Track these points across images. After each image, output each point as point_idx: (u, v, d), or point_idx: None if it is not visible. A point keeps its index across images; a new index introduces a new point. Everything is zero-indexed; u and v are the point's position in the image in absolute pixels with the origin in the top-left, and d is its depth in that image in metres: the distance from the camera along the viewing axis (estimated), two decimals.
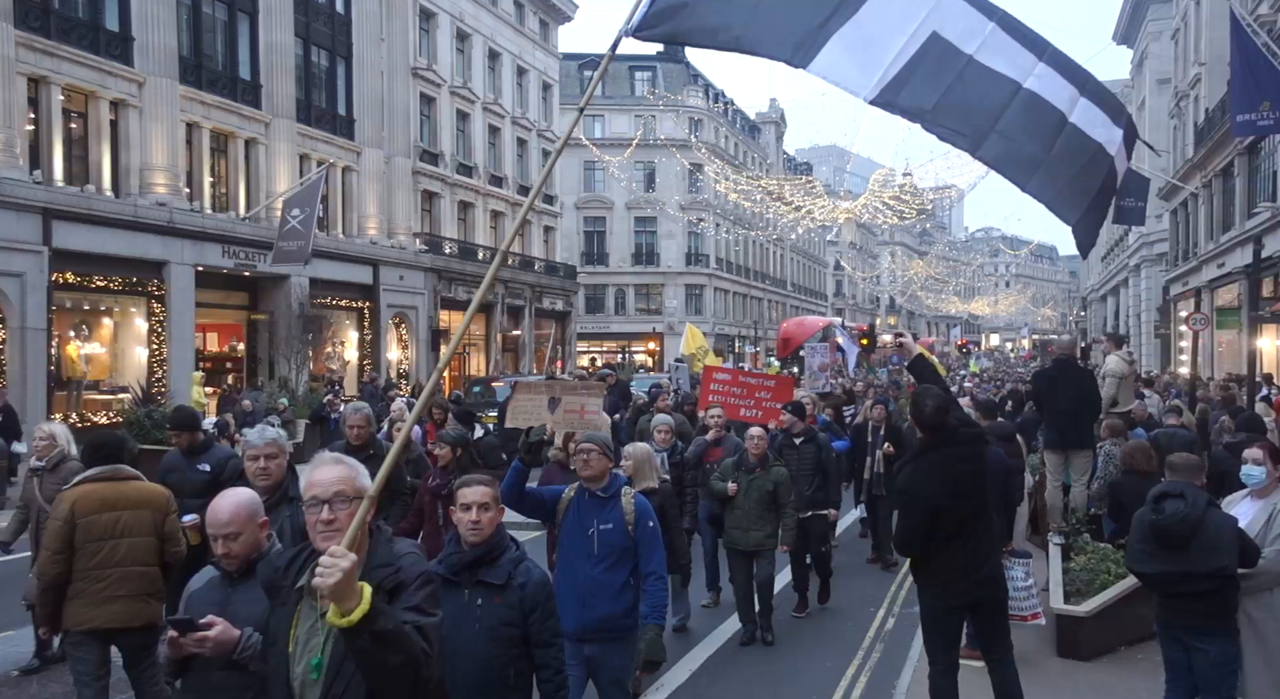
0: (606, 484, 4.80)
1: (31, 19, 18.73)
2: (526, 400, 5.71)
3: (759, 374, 12.00)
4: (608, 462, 4.82)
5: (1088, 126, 3.61)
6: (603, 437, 4.93)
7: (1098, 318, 56.59)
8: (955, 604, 5.08)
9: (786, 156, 75.33)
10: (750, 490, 7.40)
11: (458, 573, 3.58)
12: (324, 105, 27.58)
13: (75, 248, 18.83)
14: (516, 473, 4.71)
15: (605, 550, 4.66)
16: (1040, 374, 8.99)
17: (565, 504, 4.85)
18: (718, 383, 10.21)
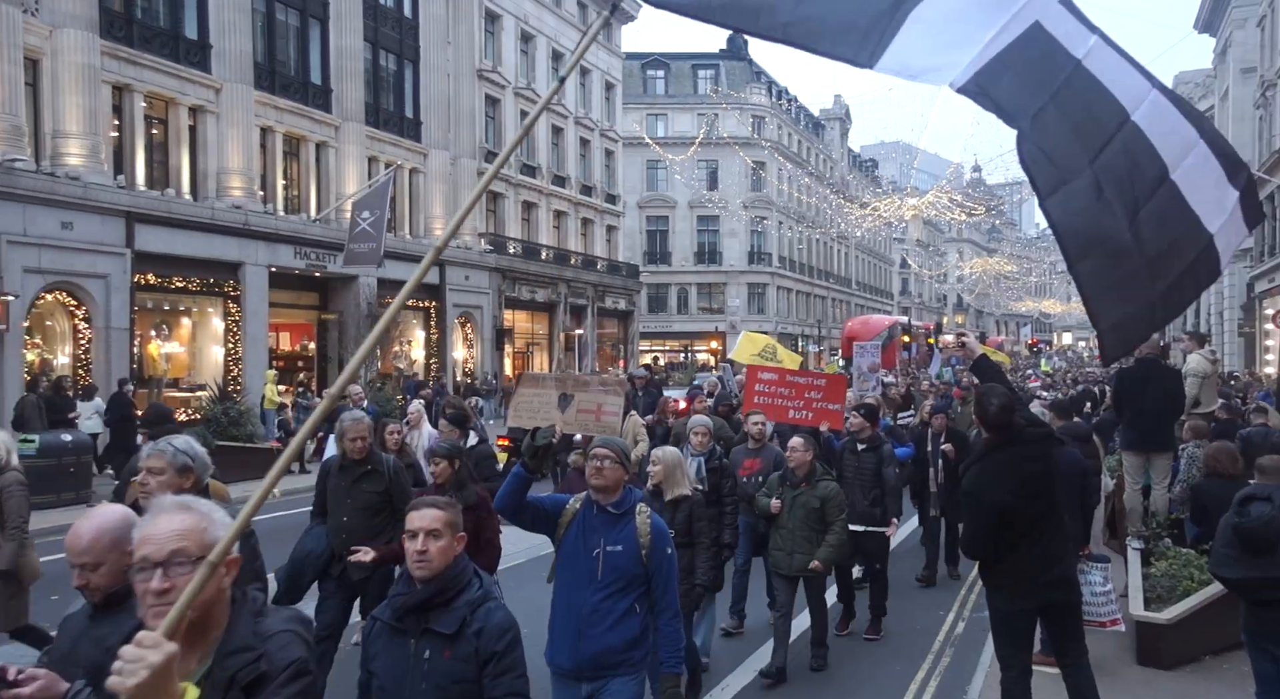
0: (619, 498, 4.07)
1: (116, 29, 19.43)
2: (533, 396, 5.14)
3: (808, 373, 11.20)
4: (623, 472, 4.10)
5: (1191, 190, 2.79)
6: (619, 442, 4.27)
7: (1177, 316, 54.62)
8: (1025, 607, 4.95)
9: (851, 153, 74.41)
10: (794, 508, 6.67)
11: (403, 618, 2.98)
12: (392, 108, 28.09)
13: (156, 250, 19.48)
14: (516, 480, 3.94)
15: (611, 576, 3.95)
16: (1123, 373, 8.69)
17: (569, 518, 4.10)
18: (763, 383, 9.54)
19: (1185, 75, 51.34)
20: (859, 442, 7.98)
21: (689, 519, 5.66)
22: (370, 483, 5.97)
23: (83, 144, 18.16)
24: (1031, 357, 55.40)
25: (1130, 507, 8.40)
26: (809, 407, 9.23)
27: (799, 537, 6.62)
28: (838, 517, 6.68)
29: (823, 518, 6.63)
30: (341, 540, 5.81)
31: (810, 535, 6.61)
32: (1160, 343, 11.14)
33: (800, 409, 9.20)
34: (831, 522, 6.65)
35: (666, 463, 5.70)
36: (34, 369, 17.54)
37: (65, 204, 17.51)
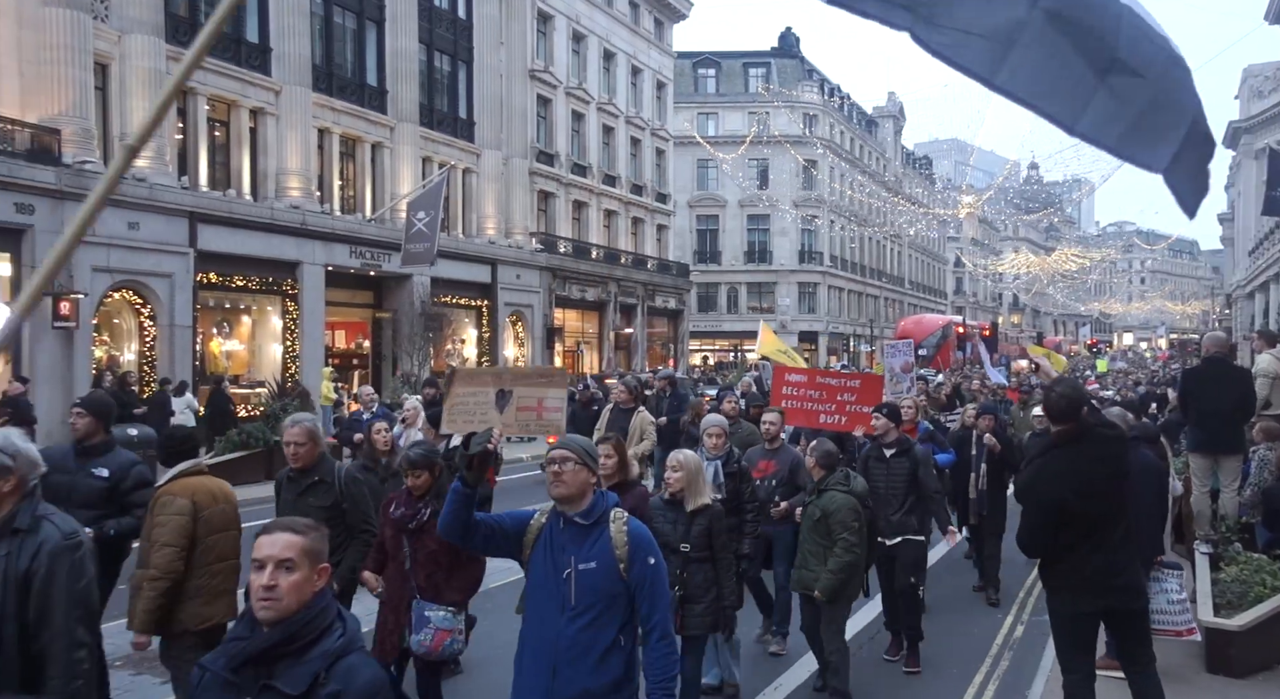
0: (588, 505, 3.45)
1: (181, 33, 19.93)
2: (468, 396, 4.17)
3: (840, 373, 10.03)
4: (588, 475, 3.48)
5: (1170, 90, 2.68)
6: (580, 441, 3.58)
7: (1244, 316, 53.13)
8: (1085, 611, 4.79)
9: (905, 151, 73.48)
10: (804, 519, 6.16)
11: (239, 670, 2.41)
12: (445, 109, 28.42)
13: (217, 249, 19.95)
14: (455, 498, 3.37)
15: (586, 599, 3.34)
16: (1191, 372, 8.43)
17: (533, 535, 3.49)
18: (791, 385, 8.64)
19: (1255, 68, 49.78)
20: (885, 446, 7.17)
21: (708, 531, 5.22)
22: (317, 496, 5.22)
23: (149, 146, 18.66)
24: (1090, 357, 54.16)
25: (1198, 510, 8.16)
26: (842, 410, 8.38)
27: (805, 551, 6.08)
28: (840, 534, 5.82)
29: (827, 532, 5.91)
30: None
31: (817, 551, 5.96)
32: (1229, 342, 10.78)
33: (832, 413, 8.34)
34: (836, 538, 5.83)
35: (689, 469, 5.21)
36: (101, 365, 18.08)
37: (132, 205, 18.01)
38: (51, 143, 16.83)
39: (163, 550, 4.55)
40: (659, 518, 5.21)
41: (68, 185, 16.79)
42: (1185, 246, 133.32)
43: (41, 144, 16.69)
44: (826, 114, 54.21)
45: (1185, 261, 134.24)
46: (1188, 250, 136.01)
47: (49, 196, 16.63)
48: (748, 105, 51.44)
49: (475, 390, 4.19)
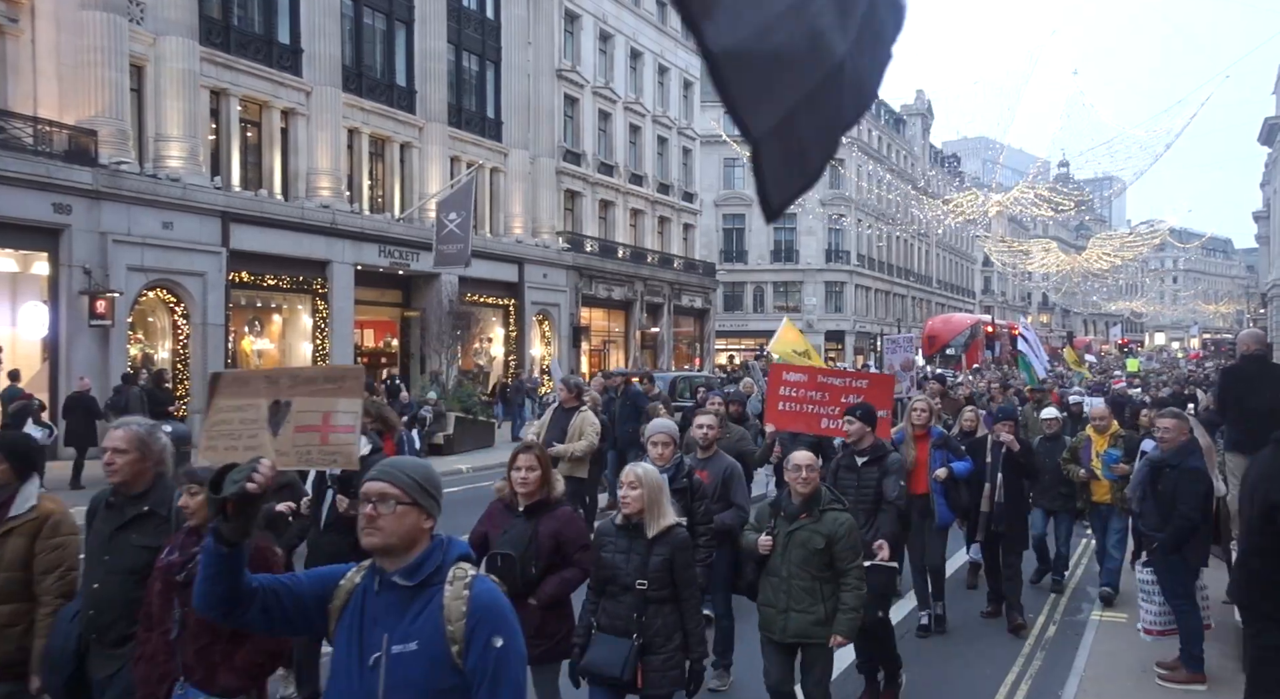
0: (415, 560, 2.42)
1: (214, 35, 20.20)
2: (234, 411, 2.92)
3: (845, 373, 8.86)
4: (419, 518, 2.44)
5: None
6: (408, 468, 2.50)
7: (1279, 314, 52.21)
8: None
9: (933, 149, 72.95)
10: (790, 549, 4.83)
11: None
12: (474, 108, 28.58)
13: (249, 248, 20.20)
14: (211, 560, 2.39)
15: (403, 695, 2.34)
16: (1229, 370, 8.30)
17: (341, 601, 2.48)
18: (789, 386, 7.59)
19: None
20: (858, 453, 6.15)
21: (670, 563, 4.23)
22: (142, 532, 3.76)
23: (183, 147, 18.93)
24: (1120, 356, 53.49)
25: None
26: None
27: (797, 588, 4.79)
28: (851, 563, 4.81)
29: (829, 563, 4.80)
30: (89, 621, 3.70)
31: (812, 587, 4.78)
32: (1268, 340, 10.61)
33: (836, 418, 7.25)
34: (844, 570, 4.80)
35: (649, 485, 4.26)
36: (136, 363, 18.35)
37: (166, 204, 18.29)
38: (88, 144, 17.11)
39: (68, 575, 3.90)
40: (608, 546, 4.33)
41: (104, 186, 17.08)
42: (1219, 245, 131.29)
43: (78, 145, 16.98)
44: None
45: (1219, 260, 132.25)
46: (1221, 249, 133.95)
47: (86, 197, 16.91)
48: None
49: (243, 403, 2.93)
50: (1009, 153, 73.06)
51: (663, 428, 5.66)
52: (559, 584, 4.44)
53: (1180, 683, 6.12)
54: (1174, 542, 6.11)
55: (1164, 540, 6.14)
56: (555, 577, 4.42)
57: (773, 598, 4.88)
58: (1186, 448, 6.24)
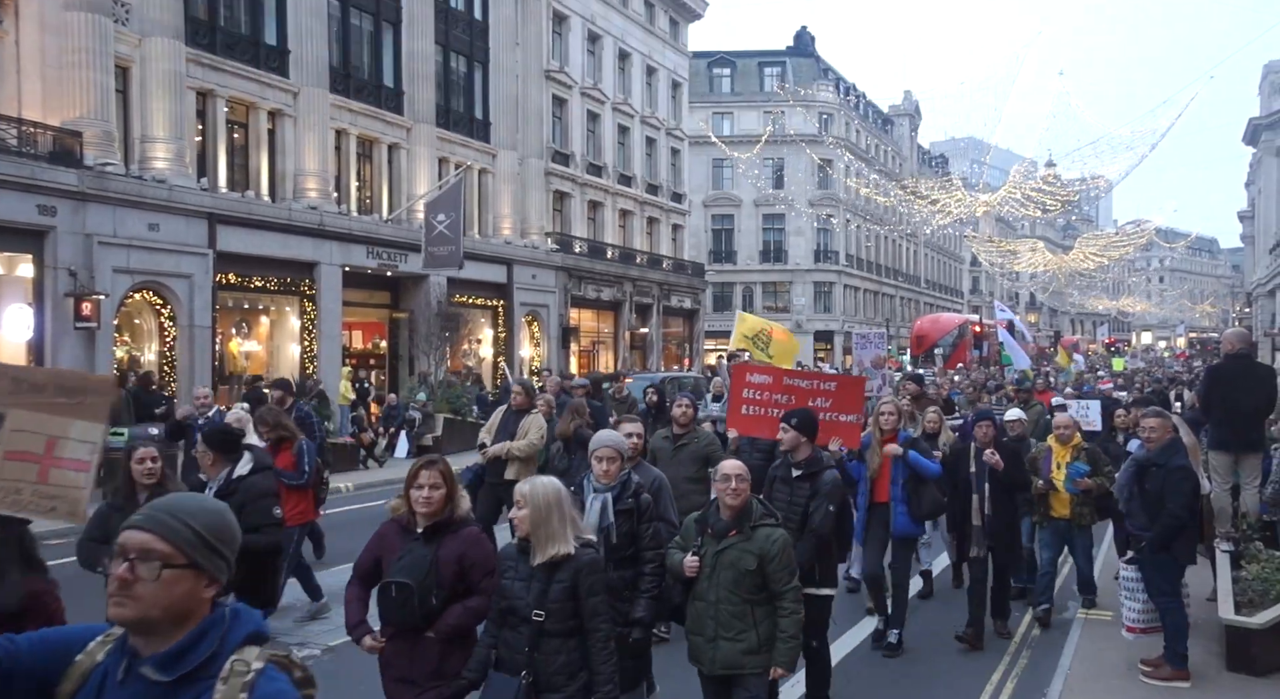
0: (179, 646, 1.78)
1: (200, 36, 20.11)
2: None
3: (813, 374, 8.24)
4: (195, 584, 1.82)
5: None
6: (188, 515, 1.85)
7: (1265, 314, 52.63)
8: None
9: (921, 150, 73.21)
10: (718, 570, 4.35)
11: None
12: (462, 109, 28.53)
13: (236, 250, 20.10)
14: None
15: None
16: (1213, 369, 8.37)
17: (72, 687, 1.82)
18: (752, 388, 7.16)
19: (1276, 64, 49.32)
20: (793, 465, 5.58)
21: (572, 591, 3.72)
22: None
23: (169, 148, 18.84)
24: (1106, 355, 53.78)
25: (1219, 508, 8.11)
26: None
27: (725, 613, 4.32)
28: (786, 585, 4.33)
29: (762, 585, 4.31)
30: None
31: (742, 611, 4.31)
32: (1253, 339, 10.67)
33: None
34: (779, 592, 4.33)
35: (536, 503, 3.76)
36: (122, 366, 18.25)
37: (152, 206, 18.18)
38: (73, 145, 17.00)
39: None
40: (508, 571, 3.87)
41: (89, 187, 16.98)
42: (1205, 244, 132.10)
43: (63, 146, 16.87)
44: (842, 113, 54.09)
45: (1204, 260, 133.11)
46: (1207, 248, 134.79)
47: (71, 198, 16.81)
48: (763, 104, 51.37)
49: None
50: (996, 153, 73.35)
51: (607, 441, 4.88)
52: (462, 614, 3.94)
53: (1164, 680, 6.17)
54: (1162, 540, 6.16)
55: (1152, 539, 6.19)
56: (458, 606, 3.93)
57: (700, 625, 4.40)
58: (1172, 446, 6.29)
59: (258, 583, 4.76)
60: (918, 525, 7.37)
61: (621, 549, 4.57)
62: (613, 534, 4.55)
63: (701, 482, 7.16)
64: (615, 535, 4.55)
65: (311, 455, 7.39)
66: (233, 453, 5.20)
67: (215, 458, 5.19)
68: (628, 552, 4.59)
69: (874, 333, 14.20)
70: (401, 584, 3.81)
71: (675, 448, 7.38)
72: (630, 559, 4.60)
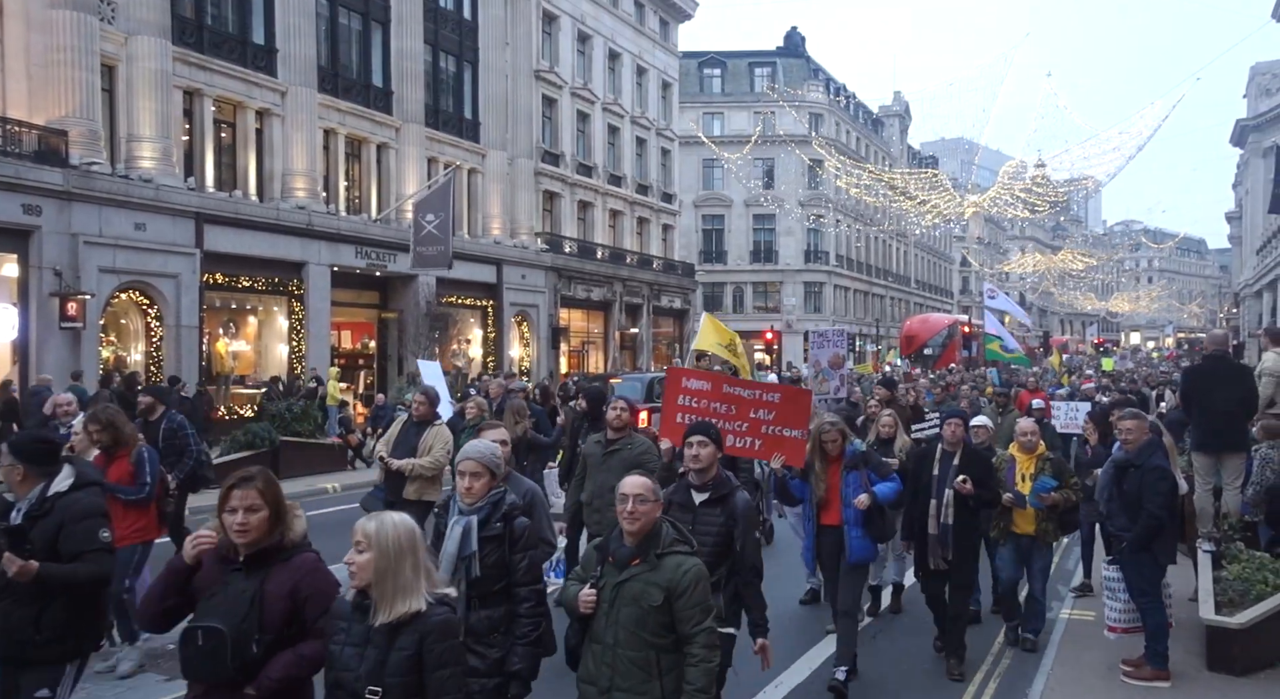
0: None
1: (187, 35, 20.03)
2: None
3: (756, 384, 7.37)
4: None
5: None
6: None
7: (1252, 314, 52.94)
8: None
9: (911, 150, 73.39)
10: (619, 605, 3.59)
11: None
12: (451, 109, 28.48)
13: (224, 250, 20.04)
14: None
15: None
16: (1191, 370, 8.40)
17: None
18: (689, 394, 6.49)
19: (1263, 65, 49.57)
20: (697, 488, 4.67)
21: (416, 665, 2.94)
22: None
23: (155, 147, 18.76)
24: (1094, 356, 53.99)
25: (1200, 508, 8.15)
26: (756, 431, 6.34)
27: (624, 660, 3.53)
28: (697, 626, 3.53)
29: (668, 625, 3.54)
30: None
31: (645, 658, 3.52)
32: (1230, 339, 10.70)
33: (744, 435, 6.34)
34: (689, 635, 3.53)
35: (384, 545, 2.97)
36: (108, 366, 18.16)
37: (138, 205, 18.11)
38: (59, 144, 16.92)
39: None
40: (338, 634, 3.04)
41: (75, 187, 16.90)
42: (1193, 245, 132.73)
43: (49, 145, 16.79)
44: (832, 113, 54.17)
45: (1193, 260, 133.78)
46: (1195, 249, 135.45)
47: (56, 198, 16.72)
48: (753, 105, 51.41)
49: None
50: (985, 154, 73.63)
51: (473, 452, 3.97)
52: (292, 664, 3.14)
53: (1145, 680, 6.19)
54: (1142, 540, 6.18)
55: (1132, 539, 6.21)
56: (288, 654, 3.14)
57: (594, 672, 3.59)
58: (1149, 447, 6.31)
59: (79, 620, 4.03)
60: (873, 548, 6.48)
61: (489, 583, 3.78)
62: (474, 566, 3.75)
63: None
64: (478, 567, 3.75)
65: (154, 464, 6.43)
66: (47, 465, 4.22)
67: (25, 472, 4.18)
68: (497, 586, 3.79)
69: (832, 330, 12.98)
70: (210, 630, 3.04)
71: (606, 454, 6.71)
72: (500, 595, 3.80)
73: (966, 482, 6.48)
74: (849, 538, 6.24)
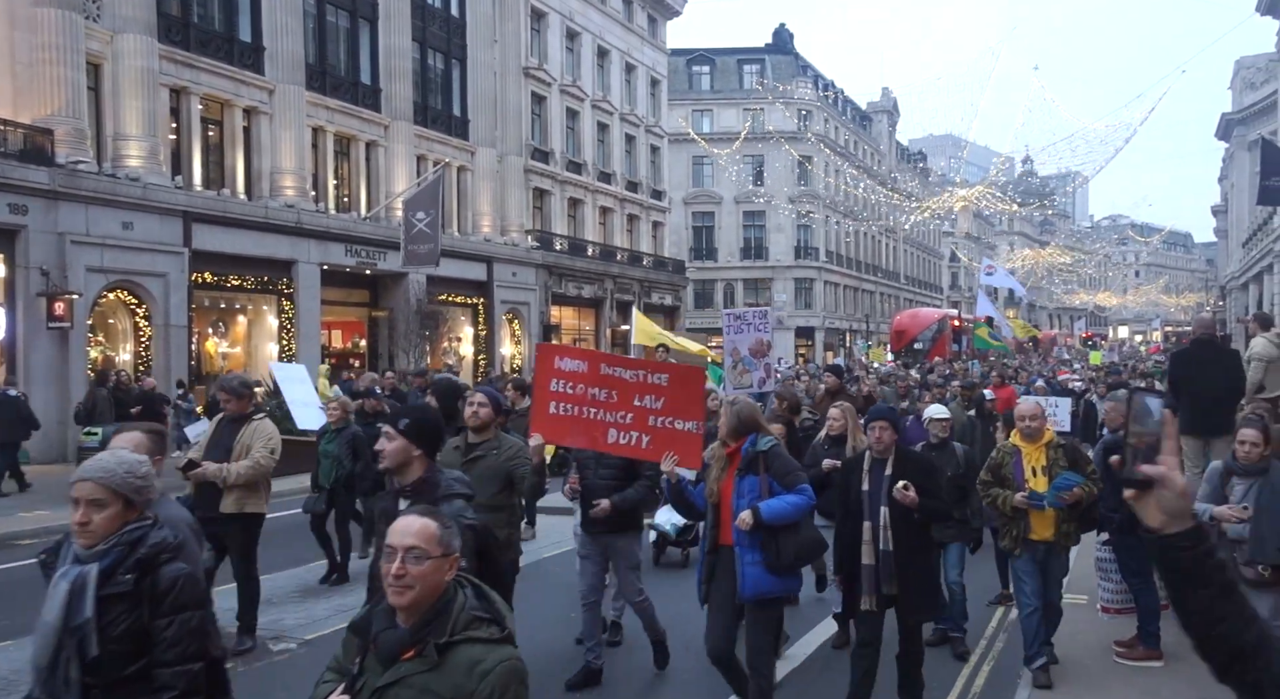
0: None
1: (174, 33, 19.94)
2: None
3: (641, 363, 5.90)
4: None
5: None
6: None
7: (1239, 307, 53.26)
8: None
9: (899, 146, 73.57)
10: None
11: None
12: (440, 107, 28.42)
13: (212, 249, 19.95)
14: None
15: None
16: (1179, 354, 8.45)
17: None
18: (562, 378, 5.23)
19: (1247, 59, 49.84)
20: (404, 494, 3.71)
21: None
22: None
23: (142, 146, 18.67)
24: (1082, 349, 54.22)
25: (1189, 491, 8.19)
26: (642, 424, 5.12)
27: None
28: None
29: None
30: None
31: None
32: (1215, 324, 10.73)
33: (627, 429, 5.14)
34: None
35: None
36: (96, 366, 18.06)
37: (126, 204, 18.02)
38: (45, 143, 16.83)
39: None
40: None
41: (61, 186, 16.80)
42: (1179, 239, 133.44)
43: (35, 144, 16.69)
44: (821, 110, 54.26)
45: (1179, 254, 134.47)
46: (1181, 243, 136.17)
47: (42, 197, 16.63)
48: (742, 102, 51.47)
49: None
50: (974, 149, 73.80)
51: (93, 471, 2.79)
52: None
53: (1138, 660, 6.23)
54: (1129, 521, 6.19)
55: (1120, 520, 6.23)
56: None
57: None
58: None
59: None
60: (781, 579, 4.95)
61: (116, 666, 2.66)
62: (90, 642, 2.63)
63: (502, 511, 5.16)
64: (94, 644, 2.63)
65: None
66: None
67: None
68: (129, 668, 2.68)
69: (752, 312, 10.84)
70: None
71: (466, 462, 5.16)
72: (135, 682, 2.69)
73: (909, 488, 5.11)
74: (740, 564, 4.85)
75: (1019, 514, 5.90)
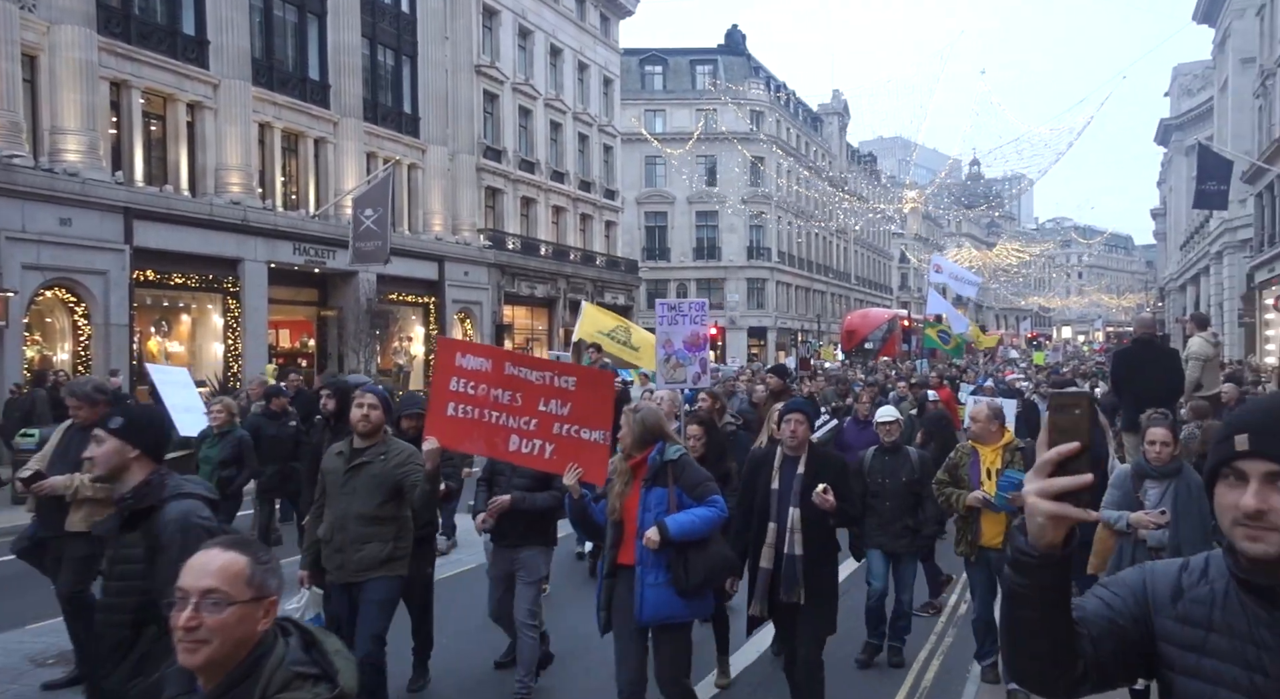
0: None
1: (114, 25, 19.42)
2: None
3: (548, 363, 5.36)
4: None
5: None
6: None
7: (1176, 307, 54.76)
8: None
9: (850, 148, 74.42)
10: None
11: None
12: (390, 104, 28.07)
13: (155, 246, 19.47)
14: None
15: None
16: (1121, 353, 8.65)
17: None
18: (464, 378, 4.80)
19: (1185, 66, 51.28)
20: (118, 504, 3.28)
21: None
22: None
23: (81, 140, 18.16)
24: (1028, 350, 55.35)
25: None
26: (547, 431, 4.71)
27: None
28: None
29: None
30: None
31: None
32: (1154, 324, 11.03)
33: (530, 436, 4.73)
34: None
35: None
36: (34, 366, 17.53)
37: (64, 200, 17.51)
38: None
39: None
40: None
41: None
42: (1120, 241, 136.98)
43: None
44: (773, 111, 54.67)
45: (1120, 256, 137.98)
46: (1123, 245, 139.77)
47: None
48: (695, 102, 51.65)
49: None
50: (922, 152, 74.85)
51: None
52: None
53: None
54: None
55: None
56: None
57: None
58: None
59: None
60: (688, 602, 4.46)
61: None
62: None
63: (389, 524, 4.88)
64: None
65: None
66: None
67: None
68: None
69: (689, 303, 9.70)
70: None
71: (349, 469, 4.88)
72: None
73: (828, 492, 4.82)
74: (640, 586, 4.41)
75: (971, 520, 5.79)
